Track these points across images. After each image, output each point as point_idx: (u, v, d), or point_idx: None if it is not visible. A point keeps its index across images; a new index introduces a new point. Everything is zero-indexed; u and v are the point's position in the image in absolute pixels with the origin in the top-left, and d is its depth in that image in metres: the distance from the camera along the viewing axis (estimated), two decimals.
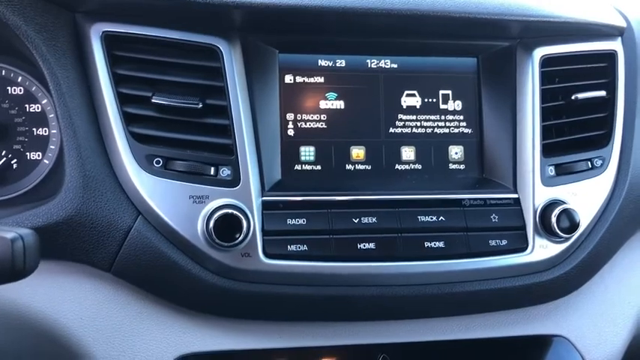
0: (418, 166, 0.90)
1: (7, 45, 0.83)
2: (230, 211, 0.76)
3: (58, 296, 0.80)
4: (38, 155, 0.92)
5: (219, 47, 0.82)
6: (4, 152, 0.91)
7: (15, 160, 0.91)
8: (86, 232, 0.78)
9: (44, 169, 0.92)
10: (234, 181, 0.80)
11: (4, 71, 0.91)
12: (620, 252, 0.94)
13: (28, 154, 0.91)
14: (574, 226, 0.84)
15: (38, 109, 0.92)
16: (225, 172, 0.80)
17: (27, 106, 0.92)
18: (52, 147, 0.92)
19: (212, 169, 0.80)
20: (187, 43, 0.81)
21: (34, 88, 0.92)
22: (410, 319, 0.87)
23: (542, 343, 0.91)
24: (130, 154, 0.79)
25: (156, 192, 0.78)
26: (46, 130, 0.92)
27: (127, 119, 0.80)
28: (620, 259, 0.94)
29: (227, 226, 0.76)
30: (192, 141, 0.80)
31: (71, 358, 0.81)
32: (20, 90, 0.92)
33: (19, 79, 0.91)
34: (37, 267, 0.61)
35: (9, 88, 0.91)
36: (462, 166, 0.91)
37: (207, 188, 0.78)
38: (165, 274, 0.79)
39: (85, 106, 0.80)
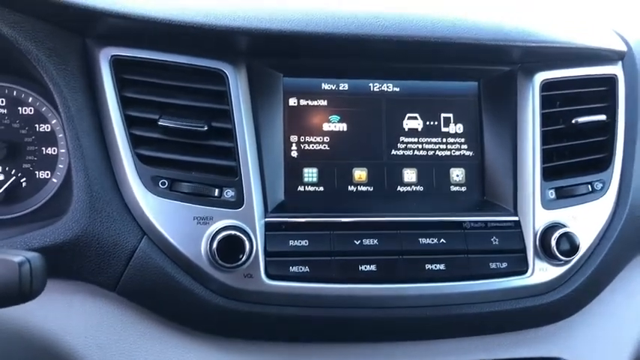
0: (420, 188, 0.91)
1: (19, 66, 0.85)
2: (233, 232, 0.78)
3: (62, 314, 0.82)
4: (47, 174, 0.94)
5: (224, 71, 0.83)
6: (14, 171, 0.93)
7: (24, 179, 0.93)
8: (92, 252, 0.79)
9: (53, 187, 0.94)
10: (237, 202, 0.81)
11: (15, 92, 0.94)
12: (622, 275, 0.94)
13: (37, 172, 0.93)
14: (574, 249, 0.85)
15: (48, 128, 0.94)
16: (229, 193, 0.81)
17: (37, 125, 0.94)
18: (60, 166, 0.94)
19: (216, 190, 0.81)
20: (194, 67, 0.83)
21: (44, 109, 0.94)
22: (410, 340, 0.87)
23: None
24: (136, 175, 0.80)
25: (161, 213, 0.79)
26: (55, 150, 0.94)
27: (134, 141, 0.81)
28: (621, 282, 0.95)
29: (230, 247, 0.78)
30: (197, 163, 0.82)
31: None
32: (31, 110, 0.94)
33: (30, 99, 0.94)
34: (44, 289, 0.62)
35: (20, 108, 0.94)
36: (464, 189, 0.92)
37: (211, 209, 0.80)
38: (168, 294, 0.80)
39: (93, 128, 0.82)
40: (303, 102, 0.89)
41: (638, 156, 0.95)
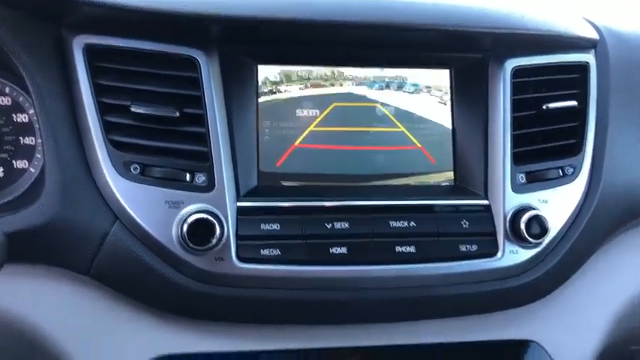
0: (392, 173, 0.92)
1: None
2: (204, 215, 0.78)
3: (35, 298, 0.82)
4: (25, 164, 0.95)
5: (196, 58, 0.84)
6: None
7: (1, 169, 0.93)
8: (64, 236, 0.80)
9: (30, 177, 0.94)
10: (208, 187, 0.82)
11: None
12: (593, 259, 0.95)
13: (14, 162, 0.94)
14: (543, 231, 0.86)
15: (25, 119, 0.95)
16: (200, 178, 0.82)
17: (14, 115, 0.95)
18: (38, 156, 0.94)
19: (188, 175, 0.82)
20: (166, 54, 0.84)
21: (21, 99, 0.95)
22: (382, 322, 0.88)
23: (515, 347, 0.92)
24: (108, 160, 0.81)
25: (133, 197, 0.80)
26: (32, 140, 0.95)
27: (107, 127, 0.82)
28: (593, 266, 0.96)
29: (201, 231, 0.78)
30: (169, 148, 0.83)
31: (44, 356, 0.83)
32: (8, 100, 0.95)
33: (7, 89, 0.94)
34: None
35: None
36: (436, 174, 0.93)
37: (183, 194, 0.81)
38: (140, 278, 0.81)
39: (66, 115, 0.83)
40: (276, 88, 0.90)
41: (609, 142, 0.96)
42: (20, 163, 0.94)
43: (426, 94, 0.94)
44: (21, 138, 0.95)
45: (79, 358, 0.83)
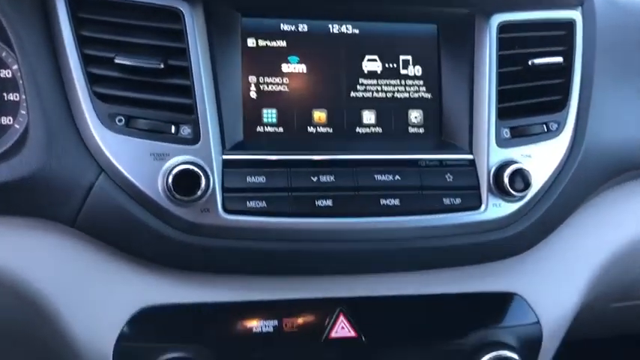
0: (378, 130, 0.92)
1: None
2: (189, 166, 0.79)
3: (21, 251, 0.83)
4: (9, 120, 0.94)
5: (181, 10, 0.83)
6: None
7: None
8: (49, 188, 0.80)
9: (15, 133, 0.93)
10: (194, 139, 0.82)
11: None
12: (576, 214, 0.97)
13: None
14: (526, 185, 0.87)
15: (9, 74, 0.94)
16: (185, 130, 0.82)
17: None
18: (22, 112, 0.93)
19: (173, 127, 0.82)
20: (150, 5, 0.83)
21: (4, 54, 0.93)
22: (366, 274, 0.89)
23: (497, 299, 0.94)
24: (93, 112, 0.81)
25: (117, 149, 0.80)
26: (16, 96, 0.94)
27: (91, 79, 0.82)
28: (576, 221, 0.97)
29: (187, 183, 0.79)
30: (153, 101, 0.82)
31: (34, 310, 0.84)
32: None
33: None
34: None
35: None
36: (421, 130, 0.93)
37: (168, 146, 0.81)
38: (127, 229, 0.81)
39: (49, 67, 0.82)
40: (261, 42, 0.90)
41: (594, 99, 0.96)
42: (5, 120, 0.94)
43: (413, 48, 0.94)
44: (5, 94, 0.94)
45: (65, 309, 0.83)
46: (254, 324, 0.86)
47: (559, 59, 0.94)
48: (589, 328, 1.29)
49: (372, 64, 0.93)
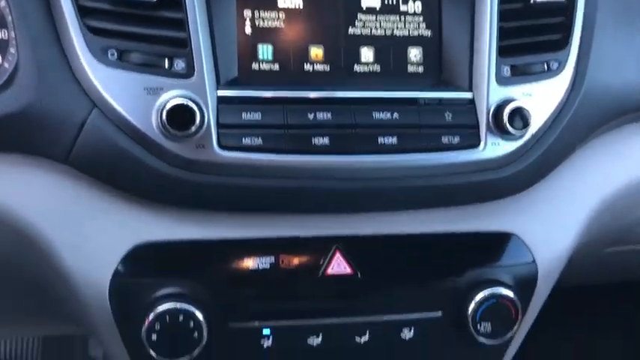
0: (377, 68, 0.90)
1: None
2: (183, 101, 0.77)
3: (14, 187, 0.82)
4: None
5: None
6: None
7: None
8: (41, 123, 0.78)
9: (5, 73, 0.91)
10: (188, 73, 0.80)
11: None
12: (574, 156, 0.96)
13: None
14: (525, 124, 0.85)
15: None
16: (179, 64, 0.80)
17: None
18: (11, 51, 0.91)
19: (166, 61, 0.80)
20: None
21: None
22: (363, 212, 0.89)
23: (493, 239, 0.94)
24: (84, 46, 0.79)
25: (110, 83, 0.78)
26: (5, 33, 0.91)
27: (83, 12, 0.79)
28: (574, 162, 0.96)
29: (181, 118, 0.77)
30: (147, 34, 0.80)
31: (30, 247, 0.83)
32: None
33: None
34: None
35: None
36: (421, 68, 0.91)
37: (162, 80, 0.79)
38: (121, 165, 0.80)
39: (40, 3, 0.80)
40: None
41: (596, 39, 0.94)
42: None
43: None
44: None
45: (60, 245, 0.83)
46: (250, 261, 0.86)
47: None
48: (583, 274, 1.30)
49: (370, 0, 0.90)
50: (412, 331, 0.93)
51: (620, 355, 1.93)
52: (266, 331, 0.89)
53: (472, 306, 0.90)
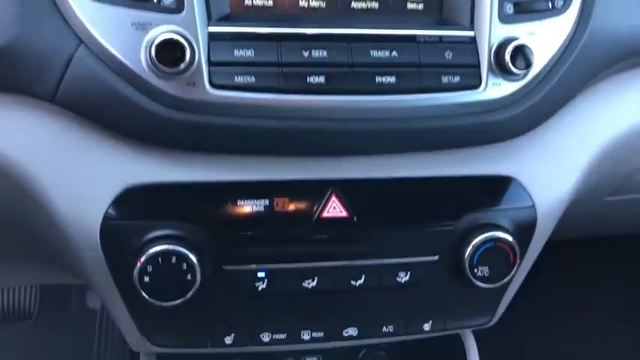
0: (375, 5, 0.86)
1: None
2: (173, 36, 0.74)
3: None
4: None
5: None
6: None
7: None
8: (25, 61, 0.75)
9: None
10: (177, 8, 0.76)
11: None
12: (576, 100, 0.93)
13: None
14: (528, 63, 0.83)
15: None
16: None
17: None
18: None
19: None
20: None
21: None
22: (360, 155, 0.87)
23: (493, 183, 0.92)
24: None
25: (96, 18, 0.75)
26: None
27: None
28: (575, 106, 0.94)
29: (171, 55, 0.74)
30: None
31: (17, 186, 0.81)
32: None
33: None
34: None
35: None
36: (421, 6, 0.88)
37: (150, 15, 0.75)
38: (109, 103, 0.77)
39: None
40: None
41: None
42: None
43: None
44: None
45: (48, 186, 0.81)
46: (243, 203, 0.85)
47: None
48: (583, 225, 1.30)
49: None
50: (408, 274, 0.92)
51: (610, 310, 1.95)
52: (261, 274, 0.88)
53: (469, 249, 0.89)
